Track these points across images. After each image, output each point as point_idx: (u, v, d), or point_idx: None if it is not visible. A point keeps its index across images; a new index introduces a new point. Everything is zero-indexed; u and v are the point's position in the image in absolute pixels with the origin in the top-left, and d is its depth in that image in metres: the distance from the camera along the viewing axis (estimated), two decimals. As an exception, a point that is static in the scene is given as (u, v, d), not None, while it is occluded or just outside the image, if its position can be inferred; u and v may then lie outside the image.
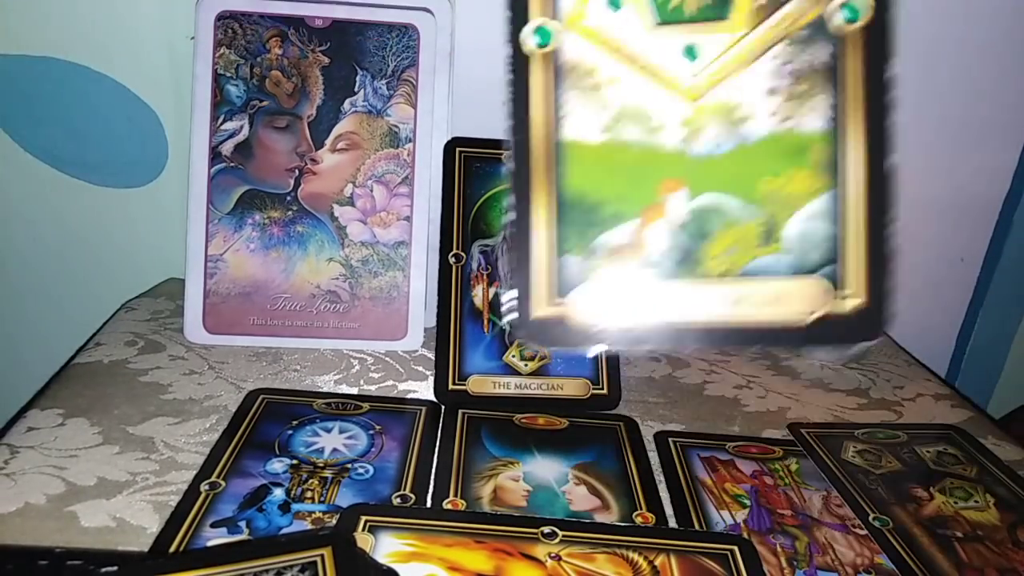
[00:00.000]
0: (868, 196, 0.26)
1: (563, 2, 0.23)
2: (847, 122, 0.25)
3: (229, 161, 0.59)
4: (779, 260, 0.24)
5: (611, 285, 0.24)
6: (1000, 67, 0.70)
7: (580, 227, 0.24)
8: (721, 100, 0.24)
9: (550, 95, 0.24)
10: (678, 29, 0.23)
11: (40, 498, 0.41)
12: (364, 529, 0.38)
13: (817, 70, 0.24)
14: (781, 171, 0.24)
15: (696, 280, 0.24)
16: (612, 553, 0.38)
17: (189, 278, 0.59)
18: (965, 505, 0.46)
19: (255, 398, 0.51)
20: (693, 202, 0.24)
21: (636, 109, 0.24)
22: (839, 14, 0.24)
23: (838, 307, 0.25)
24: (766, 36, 0.24)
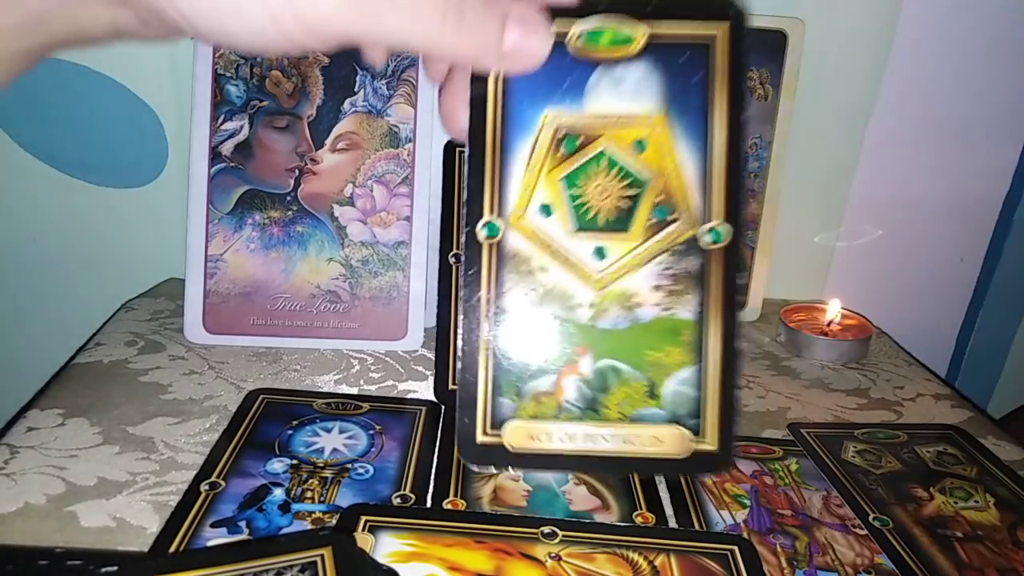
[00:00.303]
0: (722, 369, 0.33)
1: (508, 206, 0.32)
2: (709, 314, 0.33)
3: (229, 161, 0.59)
4: (657, 412, 0.33)
5: (533, 423, 0.33)
6: (1000, 67, 0.70)
7: (511, 377, 0.33)
8: (620, 290, 0.33)
9: (493, 273, 0.33)
10: (591, 235, 0.33)
11: (40, 498, 0.41)
12: (364, 529, 0.38)
13: (690, 274, 0.33)
14: (661, 346, 0.33)
15: (598, 423, 0.33)
16: (612, 553, 0.38)
17: (189, 278, 0.59)
18: (965, 505, 0.46)
19: (255, 398, 0.51)
20: (597, 364, 0.33)
21: (558, 291, 0.33)
22: (707, 236, 0.33)
23: (698, 449, 0.33)
24: (654, 247, 0.33)
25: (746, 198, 0.35)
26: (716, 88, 0.33)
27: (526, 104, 0.32)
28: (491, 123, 0.32)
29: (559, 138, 0.32)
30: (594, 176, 0.33)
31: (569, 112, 0.32)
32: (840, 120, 0.71)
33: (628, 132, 0.32)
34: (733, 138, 0.33)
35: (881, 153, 0.72)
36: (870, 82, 0.70)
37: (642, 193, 0.33)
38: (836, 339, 0.66)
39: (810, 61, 0.66)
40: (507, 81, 0.32)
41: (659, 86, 0.32)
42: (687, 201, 0.32)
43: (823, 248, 0.76)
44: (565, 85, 0.32)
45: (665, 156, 0.32)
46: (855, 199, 0.74)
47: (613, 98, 0.32)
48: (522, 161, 0.32)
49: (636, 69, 0.32)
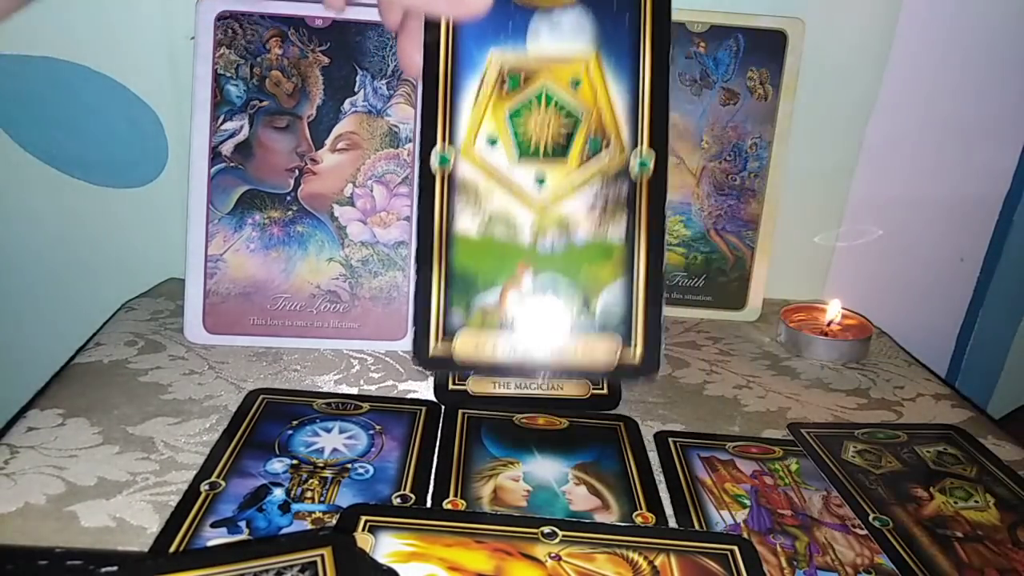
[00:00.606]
0: (647, 284, 0.36)
1: (458, 137, 0.36)
2: (638, 236, 0.36)
3: (229, 161, 0.59)
4: (591, 322, 0.36)
5: (481, 331, 0.36)
6: (1000, 67, 0.70)
7: (461, 291, 0.36)
8: (558, 214, 0.36)
9: (445, 200, 0.36)
10: (532, 163, 0.36)
11: (40, 498, 0.41)
12: (364, 529, 0.38)
13: (620, 200, 0.36)
14: (594, 265, 0.36)
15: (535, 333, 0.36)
16: (612, 553, 0.38)
17: (189, 278, 0.59)
18: (965, 505, 0.46)
19: (255, 398, 0.52)
20: (537, 280, 0.36)
21: (502, 215, 0.36)
22: (635, 165, 0.36)
23: (627, 355, 0.36)
24: (588, 174, 0.36)
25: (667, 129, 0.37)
26: (644, 30, 0.36)
27: (474, 46, 0.35)
28: (442, 63, 0.35)
29: (503, 76, 0.36)
30: (535, 111, 0.36)
31: (512, 53, 0.35)
32: (840, 120, 0.71)
33: (565, 70, 0.36)
34: (658, 75, 0.36)
35: (881, 153, 0.72)
36: (870, 82, 0.70)
37: (578, 126, 0.36)
38: (836, 339, 0.66)
39: (810, 61, 0.66)
40: (456, 26, 0.35)
41: (592, 29, 0.36)
42: (618, 132, 0.36)
43: (823, 248, 0.76)
44: (509, 29, 0.35)
45: (598, 92, 0.36)
46: (855, 199, 0.74)
47: (551, 40, 0.36)
48: (470, 97, 0.36)
49: (572, 14, 0.36)
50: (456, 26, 0.35)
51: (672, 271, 0.71)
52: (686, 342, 0.67)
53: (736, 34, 0.66)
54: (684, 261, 0.71)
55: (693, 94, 0.67)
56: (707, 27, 0.66)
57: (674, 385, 0.59)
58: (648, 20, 0.36)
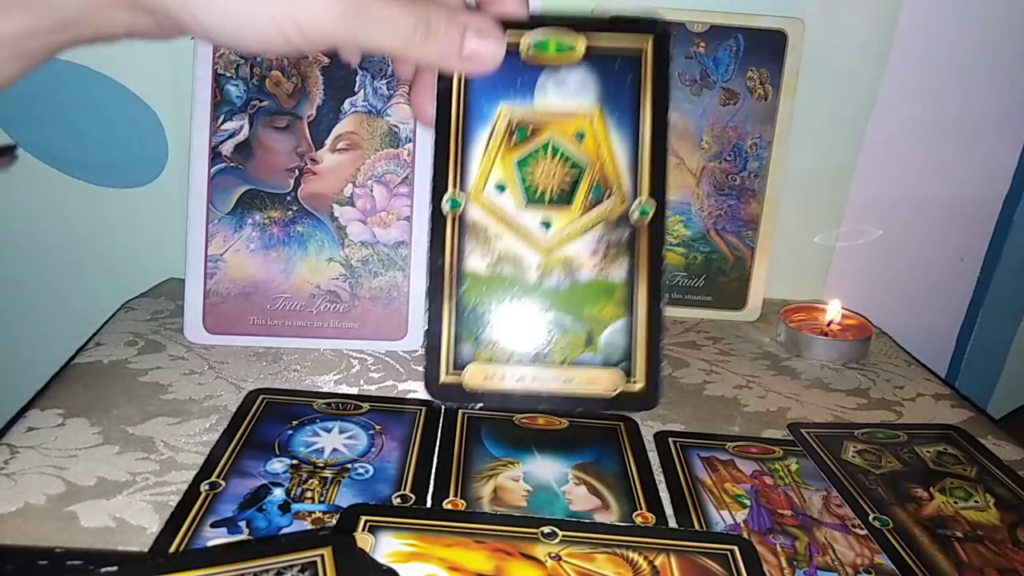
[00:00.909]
0: (647, 321, 0.38)
1: (468, 184, 0.38)
2: (638, 276, 0.38)
3: (229, 161, 0.59)
4: (595, 356, 0.39)
5: (489, 364, 0.38)
6: (1000, 67, 0.70)
7: (471, 326, 0.38)
8: (563, 255, 0.38)
9: (456, 240, 0.38)
10: (539, 209, 0.38)
11: (40, 498, 0.41)
12: (364, 529, 0.38)
13: (622, 243, 0.39)
14: (597, 303, 0.39)
15: (543, 365, 0.39)
16: (612, 553, 0.38)
17: (189, 278, 0.59)
18: (965, 505, 0.46)
19: (255, 398, 0.52)
20: (544, 316, 0.38)
21: (511, 255, 0.38)
22: (636, 212, 0.38)
23: (629, 388, 0.39)
24: (591, 220, 0.39)
25: (667, 180, 0.40)
26: (644, 89, 0.38)
27: (485, 99, 0.38)
28: (455, 114, 0.38)
29: (512, 128, 0.38)
30: (541, 160, 0.38)
31: (521, 107, 0.38)
32: (840, 120, 0.71)
33: (570, 124, 0.38)
34: (658, 130, 0.38)
35: (881, 153, 0.72)
36: (870, 82, 0.70)
37: (582, 175, 0.38)
38: (836, 339, 0.66)
39: (810, 61, 0.66)
40: (468, 80, 0.38)
41: (596, 87, 0.38)
42: (619, 182, 0.38)
43: (823, 248, 0.76)
44: (518, 84, 0.38)
45: (601, 144, 0.39)
46: (855, 199, 0.74)
47: (558, 96, 0.38)
48: (481, 147, 0.38)
49: (577, 72, 0.38)
50: (468, 79, 0.38)
51: (672, 271, 0.71)
52: (686, 342, 0.67)
53: (736, 34, 0.66)
54: (684, 261, 0.71)
55: (693, 94, 0.67)
56: (707, 27, 0.66)
57: (674, 385, 0.59)
58: (648, 80, 0.38)
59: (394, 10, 0.31)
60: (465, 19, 0.34)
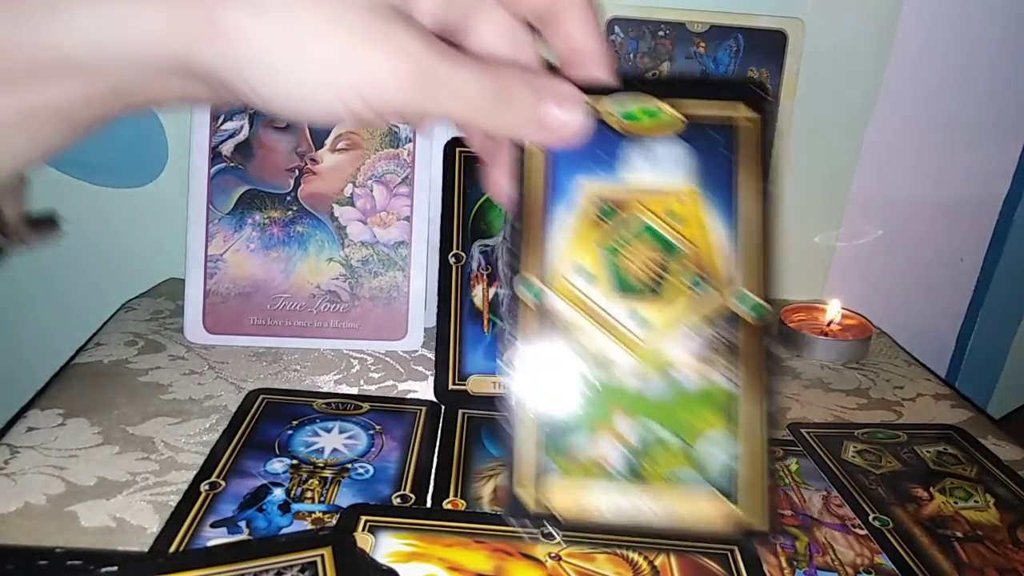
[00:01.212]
0: (755, 434, 0.33)
1: (549, 270, 0.33)
2: (745, 382, 0.33)
3: (229, 161, 0.59)
4: (695, 476, 0.33)
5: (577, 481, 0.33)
6: (1000, 66, 0.70)
7: (554, 436, 0.33)
8: (658, 355, 0.33)
9: (535, 334, 0.33)
10: (629, 300, 0.33)
11: (40, 498, 0.41)
12: (364, 529, 0.38)
13: (725, 343, 0.33)
14: (698, 412, 0.33)
15: (638, 485, 0.33)
16: (612, 553, 0.38)
17: (189, 278, 0.59)
18: (965, 505, 0.46)
19: (255, 398, 0.51)
20: (636, 426, 0.33)
21: (597, 353, 0.33)
22: (744, 308, 0.33)
23: (739, 516, 0.33)
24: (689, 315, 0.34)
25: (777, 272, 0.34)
26: (744, 164, 0.34)
27: (566, 174, 0.33)
28: (533, 191, 0.33)
29: (598, 207, 0.34)
30: (631, 243, 0.34)
31: (607, 183, 0.33)
32: (840, 120, 0.71)
33: (662, 203, 0.34)
34: (764, 213, 0.34)
35: (881, 153, 0.72)
36: (870, 82, 0.70)
37: (677, 262, 0.33)
38: (836, 339, 0.66)
39: (810, 61, 0.66)
40: (549, 152, 0.33)
41: (691, 161, 0.34)
42: (721, 273, 0.33)
43: (823, 248, 0.76)
44: (603, 157, 0.34)
45: (698, 227, 0.34)
46: (855, 199, 0.74)
47: (648, 171, 0.34)
48: (562, 227, 0.33)
49: (669, 144, 0.34)
50: (549, 151, 0.33)
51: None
52: (686, 342, 0.67)
53: (736, 34, 0.66)
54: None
55: (693, 94, 0.67)
56: (707, 27, 0.66)
57: (674, 385, 0.59)
58: (751, 153, 0.34)
59: (467, 74, 0.27)
60: (546, 84, 0.30)
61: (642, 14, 0.65)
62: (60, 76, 0.25)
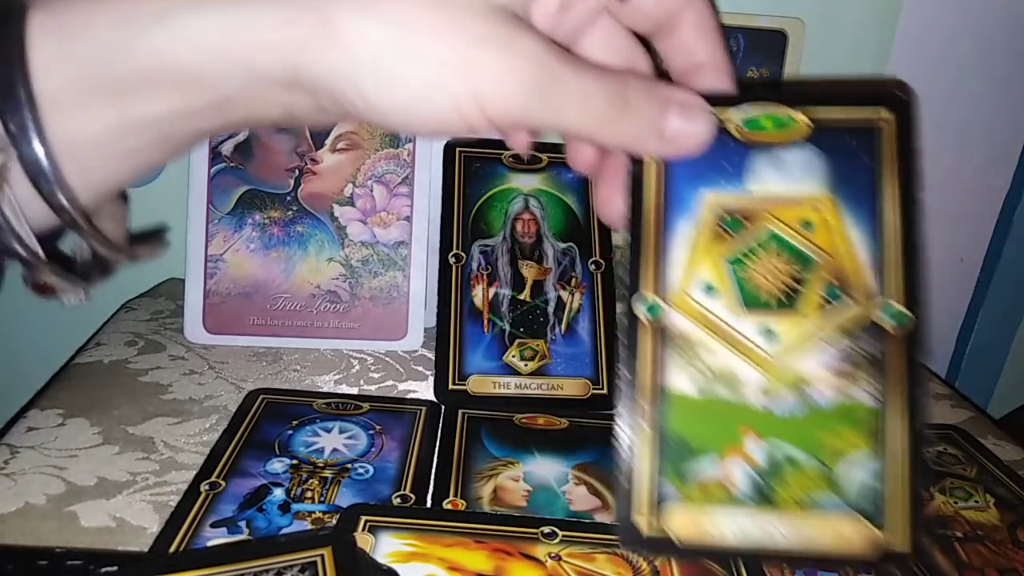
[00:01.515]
0: (908, 458, 0.31)
1: (669, 286, 0.31)
2: (890, 399, 0.31)
3: (229, 161, 0.59)
4: (834, 501, 0.31)
5: (700, 507, 0.31)
6: (1001, 67, 0.70)
7: (675, 458, 0.31)
8: (792, 372, 0.31)
9: (656, 354, 0.31)
10: (759, 315, 0.31)
11: (40, 498, 0.41)
12: (364, 529, 0.38)
13: (867, 357, 0.31)
14: (838, 432, 0.31)
15: (767, 510, 0.31)
16: (612, 553, 0.38)
17: (189, 278, 0.59)
18: (965, 505, 0.46)
19: (255, 398, 0.51)
20: (767, 449, 0.31)
21: (725, 372, 0.31)
22: (888, 318, 0.31)
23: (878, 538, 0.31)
24: (827, 329, 0.31)
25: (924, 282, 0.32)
26: (886, 170, 0.32)
27: (687, 185, 0.32)
28: (651, 204, 0.32)
29: (722, 219, 0.32)
30: (761, 256, 0.32)
31: (731, 193, 0.32)
32: (840, 120, 0.71)
33: (794, 213, 0.32)
34: (908, 219, 0.32)
35: (881, 153, 0.72)
36: (870, 82, 0.70)
37: (811, 273, 0.32)
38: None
39: (810, 61, 0.66)
40: (668, 165, 0.32)
41: (823, 168, 0.32)
42: (861, 281, 0.31)
43: (823, 248, 0.76)
44: (726, 167, 0.32)
45: (835, 236, 0.32)
46: (855, 199, 0.74)
47: (776, 180, 0.32)
48: (683, 241, 0.32)
49: (798, 151, 0.32)
50: (667, 165, 0.32)
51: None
52: (686, 342, 0.67)
53: (736, 34, 0.66)
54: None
55: (693, 94, 0.67)
56: (707, 27, 0.66)
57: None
58: (891, 158, 0.32)
59: (589, 82, 0.26)
60: (667, 93, 0.28)
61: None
62: (163, 88, 0.24)
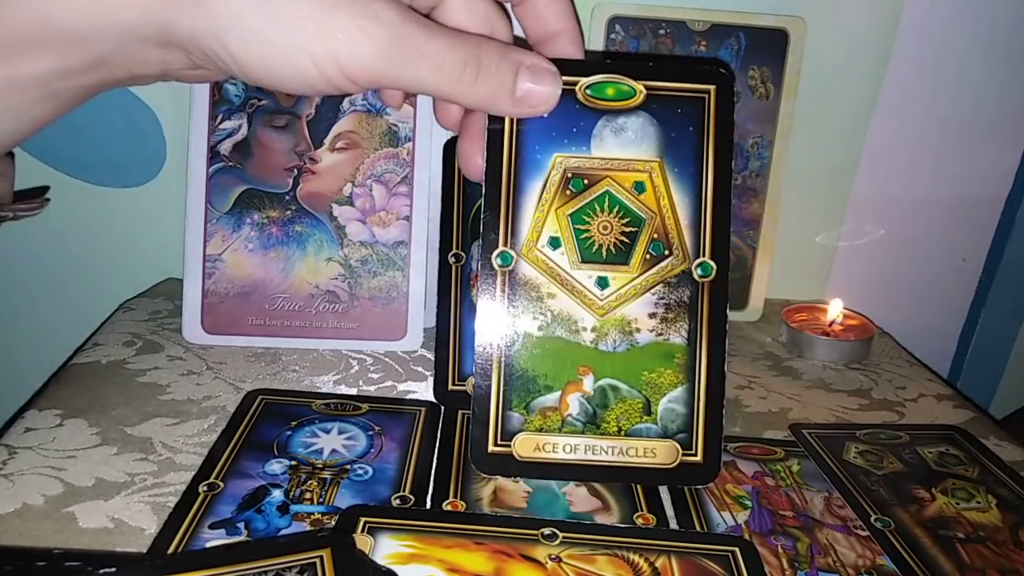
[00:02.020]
0: (707, 389, 0.36)
1: (520, 238, 0.35)
2: (700, 340, 0.36)
3: (228, 160, 0.58)
4: (652, 427, 0.37)
5: (540, 433, 0.36)
6: (1002, 66, 0.70)
7: (521, 392, 0.36)
8: (620, 316, 0.36)
9: (506, 299, 0.36)
10: (594, 266, 0.36)
11: (38, 499, 0.40)
12: (363, 530, 0.38)
13: (682, 304, 0.36)
14: (656, 368, 0.36)
15: (597, 436, 0.36)
16: (613, 555, 0.38)
17: (187, 278, 0.59)
18: (967, 506, 0.46)
19: (254, 399, 0.51)
20: (598, 383, 0.36)
21: (564, 315, 0.36)
22: (698, 270, 0.36)
23: (686, 461, 0.37)
24: (651, 279, 0.36)
25: (729, 238, 0.37)
26: (707, 139, 0.36)
27: (538, 147, 0.35)
28: (506, 164, 0.35)
29: (567, 179, 0.35)
30: (598, 214, 0.36)
31: (577, 156, 0.35)
32: (842, 119, 0.71)
33: (629, 175, 0.36)
34: (721, 185, 0.36)
35: (883, 153, 0.72)
36: (872, 81, 0.69)
37: (640, 230, 0.36)
38: (838, 339, 0.66)
39: (811, 60, 0.66)
40: (521, 126, 0.35)
41: (657, 135, 0.36)
42: (681, 238, 0.36)
43: (825, 248, 0.76)
44: (573, 131, 0.35)
45: (661, 197, 0.36)
46: (857, 199, 0.74)
47: (616, 144, 0.36)
48: (533, 198, 0.36)
49: (636, 119, 0.35)
50: (520, 126, 0.35)
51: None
52: (687, 342, 0.67)
53: (737, 33, 0.66)
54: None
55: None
56: (708, 26, 0.66)
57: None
58: (711, 130, 0.36)
59: (442, 44, 0.28)
60: (518, 57, 0.31)
61: (643, 13, 0.65)
62: (42, 47, 0.25)
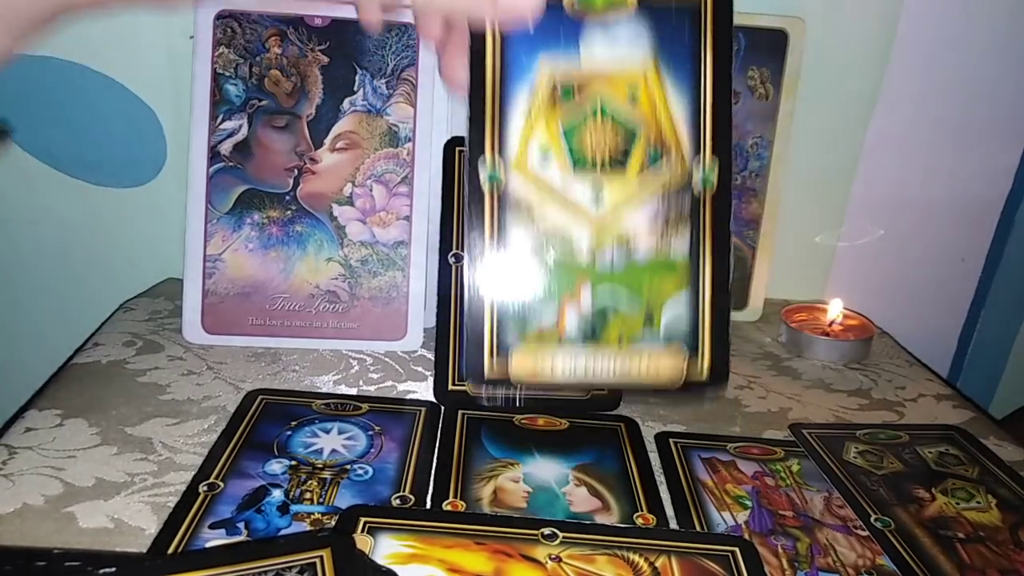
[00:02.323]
0: (713, 296, 0.35)
1: (508, 152, 0.34)
2: (702, 250, 0.35)
3: (228, 160, 0.58)
4: (655, 336, 0.35)
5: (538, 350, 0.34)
6: (1001, 66, 0.70)
7: (516, 312, 0.34)
8: (617, 229, 0.34)
9: (496, 217, 0.34)
10: (588, 178, 0.34)
11: (38, 499, 0.41)
12: (363, 530, 0.38)
13: (683, 214, 0.35)
14: (657, 280, 0.35)
15: (595, 350, 0.35)
16: (613, 554, 0.38)
17: (187, 278, 0.59)
18: (967, 506, 0.46)
19: (254, 399, 0.51)
20: (596, 298, 0.34)
21: (558, 231, 0.34)
22: (698, 179, 0.34)
23: (694, 373, 0.35)
24: (648, 189, 0.34)
25: (731, 137, 0.35)
26: (704, 41, 0.34)
27: (524, 56, 0.34)
28: (490, 75, 0.34)
29: (556, 88, 0.34)
30: (590, 123, 0.34)
31: (565, 63, 0.34)
32: (841, 120, 0.71)
33: (621, 82, 0.34)
34: (720, 83, 0.34)
35: (882, 153, 0.72)
36: (871, 82, 0.69)
37: (636, 139, 0.34)
38: (838, 339, 0.66)
39: (811, 60, 0.66)
40: (505, 35, 0.33)
41: (649, 39, 0.34)
42: (678, 143, 0.34)
43: (824, 248, 0.76)
44: (561, 38, 0.34)
45: (657, 103, 0.34)
46: (856, 199, 0.74)
47: (607, 50, 0.34)
48: (521, 110, 0.34)
49: (628, 24, 0.34)
50: (505, 35, 0.33)
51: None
52: (687, 342, 0.67)
53: (737, 33, 0.66)
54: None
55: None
56: (708, 26, 0.66)
57: (675, 385, 0.59)
58: (709, 27, 0.34)
59: None
60: None
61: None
62: None
